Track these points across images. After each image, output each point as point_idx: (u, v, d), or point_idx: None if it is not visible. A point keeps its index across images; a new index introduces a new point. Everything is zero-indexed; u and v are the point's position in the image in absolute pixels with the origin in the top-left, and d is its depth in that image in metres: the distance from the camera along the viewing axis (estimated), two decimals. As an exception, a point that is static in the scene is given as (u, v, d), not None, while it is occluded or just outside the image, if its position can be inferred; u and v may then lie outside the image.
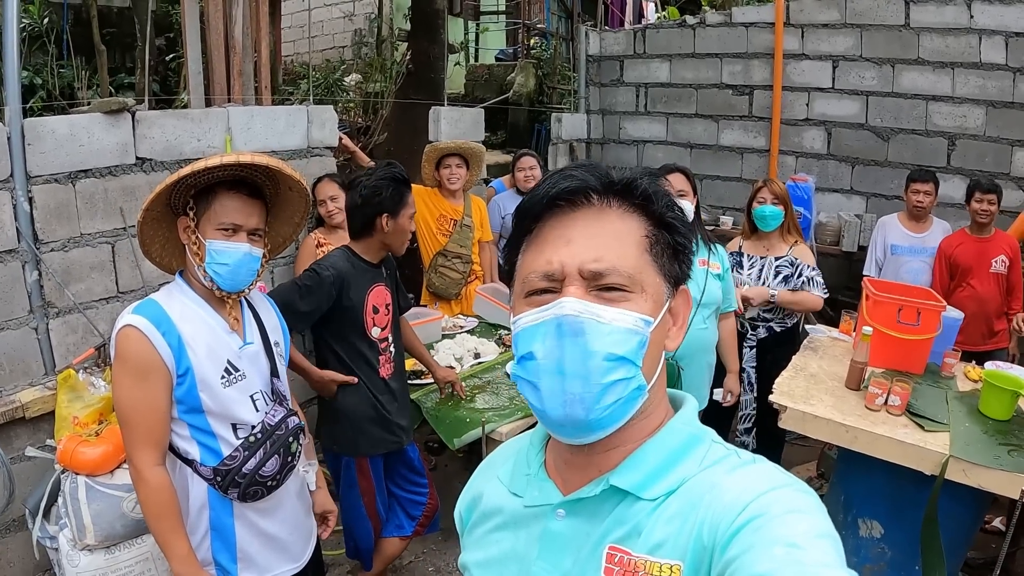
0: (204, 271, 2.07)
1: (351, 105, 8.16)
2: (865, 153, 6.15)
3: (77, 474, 2.68)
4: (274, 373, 2.28)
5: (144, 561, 2.69)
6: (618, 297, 0.91)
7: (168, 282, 2.21)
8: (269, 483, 2.18)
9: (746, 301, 4.03)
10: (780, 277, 4.07)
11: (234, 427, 2.14)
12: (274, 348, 2.30)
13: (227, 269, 2.06)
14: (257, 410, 2.19)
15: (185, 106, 4.64)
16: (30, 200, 3.10)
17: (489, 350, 4.25)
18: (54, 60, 7.13)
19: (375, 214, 2.99)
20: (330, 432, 3.13)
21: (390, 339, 3.17)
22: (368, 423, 3.09)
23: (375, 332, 3.08)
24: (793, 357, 3.65)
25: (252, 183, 2.12)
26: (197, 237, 2.06)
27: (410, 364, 3.81)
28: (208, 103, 4.06)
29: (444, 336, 4.39)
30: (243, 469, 2.10)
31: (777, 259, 4.10)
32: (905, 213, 5.06)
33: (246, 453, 2.12)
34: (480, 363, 4.10)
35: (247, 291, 2.21)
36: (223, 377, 2.11)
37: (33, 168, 3.09)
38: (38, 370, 3.22)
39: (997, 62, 5.47)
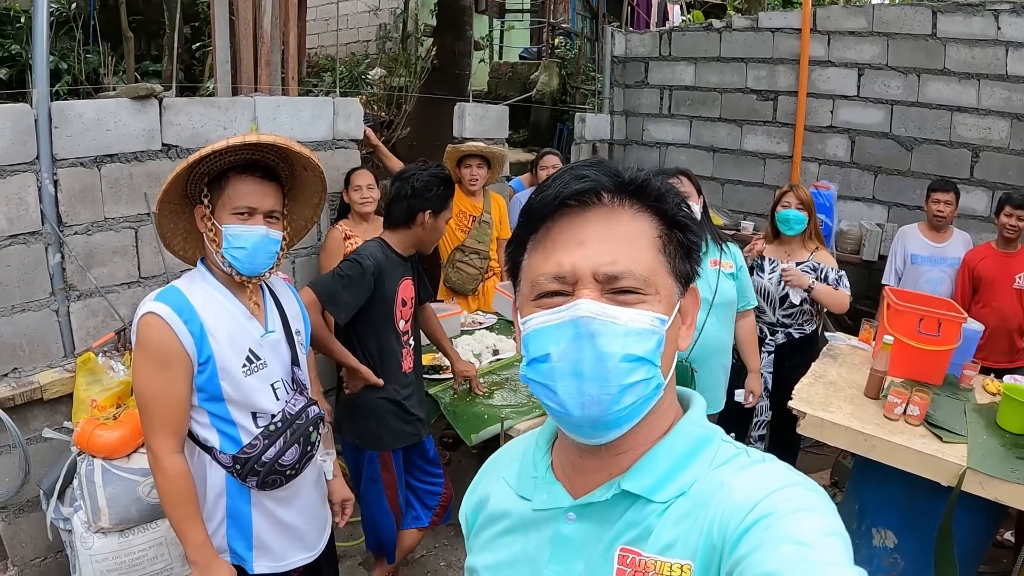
0: (222, 256, 2.07)
1: (374, 99, 8.18)
2: (888, 162, 6.11)
3: (94, 457, 2.70)
4: (295, 362, 2.29)
5: (158, 546, 2.70)
6: (633, 299, 0.90)
7: (189, 268, 2.21)
8: (288, 472, 2.19)
9: (785, 274, 4.02)
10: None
11: (254, 416, 2.14)
12: (295, 336, 2.31)
13: (245, 253, 2.06)
14: (277, 399, 2.20)
15: (211, 94, 4.66)
16: (55, 183, 3.12)
17: (508, 347, 4.24)
18: (80, 46, 7.17)
19: (420, 208, 3.04)
20: (352, 426, 3.14)
21: (411, 332, 3.19)
22: (391, 417, 3.11)
23: (401, 325, 3.10)
24: (813, 364, 3.64)
25: (266, 166, 2.12)
26: (213, 223, 2.06)
27: (429, 359, 3.82)
28: (235, 92, 4.07)
29: (463, 332, 4.40)
30: (263, 457, 2.11)
31: (799, 264, 4.08)
32: (925, 223, 5.03)
33: (266, 442, 2.12)
34: (499, 360, 4.09)
35: (267, 275, 2.20)
36: (244, 366, 2.11)
37: (59, 151, 3.11)
38: (57, 352, 3.24)
39: (1023, 75, 5.42)
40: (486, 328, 4.55)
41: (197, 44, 7.72)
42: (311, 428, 2.25)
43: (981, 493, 2.66)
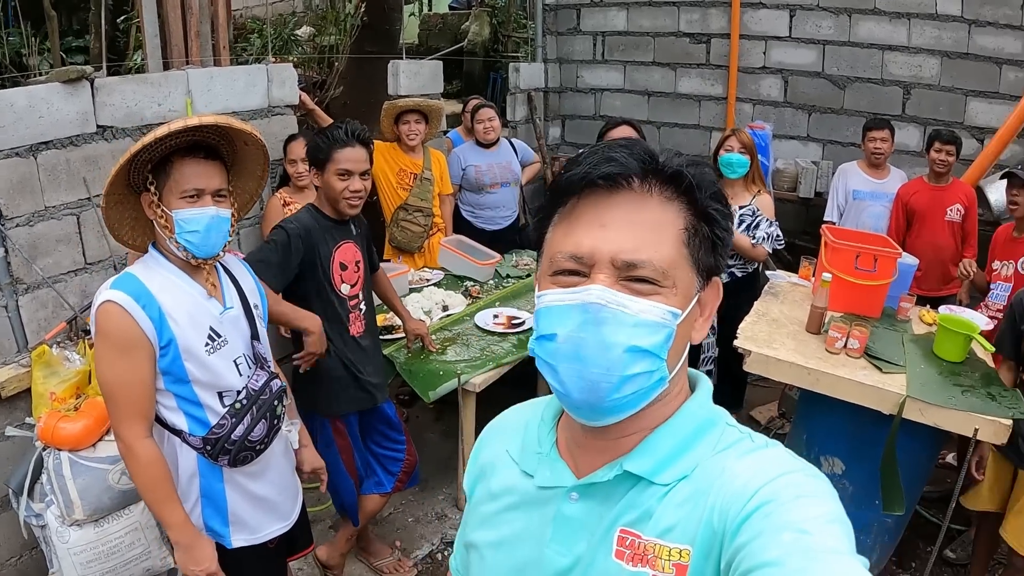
0: (176, 242, 2.07)
1: (305, 59, 8.03)
2: (822, 101, 6.22)
3: (60, 450, 2.68)
4: (255, 336, 2.31)
5: (134, 531, 2.71)
6: (648, 290, 0.89)
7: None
8: (258, 447, 2.23)
9: None
10: (743, 226, 4.15)
11: (220, 395, 2.17)
12: (254, 311, 2.32)
13: (198, 236, 2.06)
14: (240, 375, 2.22)
15: (140, 69, 4.56)
16: (-9, 176, 3.06)
17: (457, 302, 4.29)
18: (1, 28, 6.91)
19: (309, 165, 3.04)
20: (306, 392, 3.13)
21: (360, 296, 3.17)
22: (341, 382, 3.11)
23: (344, 289, 3.08)
24: (755, 303, 3.73)
25: (207, 145, 2.11)
26: (163, 210, 2.05)
27: (381, 319, 3.83)
28: (166, 66, 3.99)
29: (411, 290, 4.42)
30: (232, 436, 2.15)
31: (741, 208, 4.18)
32: (864, 161, 5.16)
33: (233, 420, 2.16)
34: (449, 315, 4.15)
35: (221, 255, 2.22)
36: (207, 344, 2.13)
37: (-8, 143, 3.04)
38: (11, 348, 3.19)
39: (952, 13, 5.52)
40: (434, 284, 4.58)
41: (122, 17, 7.48)
42: (275, 402, 2.28)
43: (921, 420, 2.78)
